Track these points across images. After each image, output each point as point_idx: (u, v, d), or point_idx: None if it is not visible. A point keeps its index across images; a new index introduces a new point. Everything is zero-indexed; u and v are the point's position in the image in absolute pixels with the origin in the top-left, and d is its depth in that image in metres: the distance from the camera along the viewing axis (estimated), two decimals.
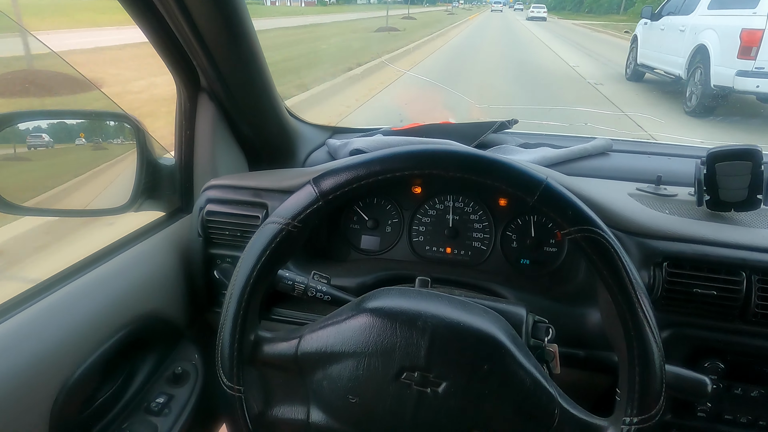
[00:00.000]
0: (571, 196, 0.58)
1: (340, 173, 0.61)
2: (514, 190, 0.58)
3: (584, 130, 1.44)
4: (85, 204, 1.09)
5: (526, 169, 0.58)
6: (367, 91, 5.51)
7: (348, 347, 0.61)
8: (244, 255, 0.63)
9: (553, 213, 0.57)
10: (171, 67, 0.90)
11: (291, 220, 0.62)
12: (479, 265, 1.02)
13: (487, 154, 0.60)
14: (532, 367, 0.59)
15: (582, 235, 0.56)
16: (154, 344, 0.91)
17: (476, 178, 0.58)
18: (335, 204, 0.62)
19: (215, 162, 1.03)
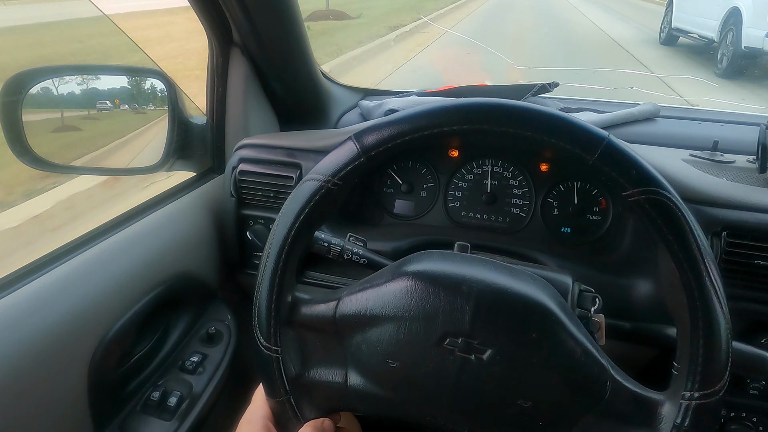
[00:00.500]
0: (636, 154, 0.53)
1: (383, 128, 0.57)
2: (572, 147, 0.53)
3: (629, 95, 1.36)
4: (117, 163, 1.09)
5: (586, 124, 0.54)
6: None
7: (388, 311, 0.59)
8: (281, 213, 0.61)
9: (615, 172, 0.53)
10: (203, 18, 0.87)
11: (331, 177, 0.59)
12: (517, 232, 0.99)
13: (542, 108, 0.55)
14: (582, 337, 0.56)
15: (647, 196, 0.52)
16: (187, 304, 0.91)
17: (530, 134, 0.54)
18: (377, 161, 0.58)
19: (247, 121, 1.01)
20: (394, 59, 5.17)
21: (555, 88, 1.31)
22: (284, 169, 0.92)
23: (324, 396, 0.63)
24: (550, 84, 1.31)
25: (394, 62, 4.98)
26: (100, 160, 1.08)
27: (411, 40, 6.37)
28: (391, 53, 5.58)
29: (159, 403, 0.79)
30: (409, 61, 4.89)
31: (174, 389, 0.81)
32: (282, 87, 1.03)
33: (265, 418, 0.61)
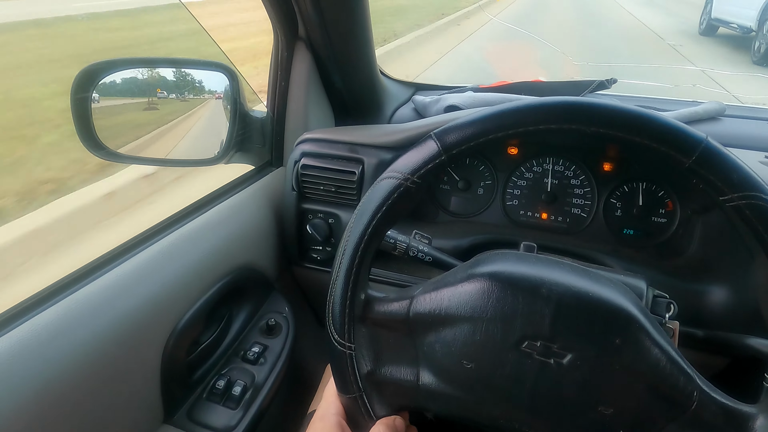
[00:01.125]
0: (735, 158, 0.51)
1: (466, 127, 0.56)
2: (668, 150, 0.51)
3: (689, 93, 1.31)
4: (178, 154, 1.11)
5: (682, 125, 0.52)
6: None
7: (464, 311, 0.58)
8: (358, 210, 0.61)
9: (714, 176, 0.51)
10: (272, 12, 0.88)
11: (410, 175, 0.58)
12: (578, 233, 0.96)
13: (636, 108, 0.53)
14: (668, 345, 0.55)
15: (747, 202, 0.50)
16: (249, 295, 0.93)
17: (623, 135, 0.52)
18: (457, 159, 0.58)
19: (307, 115, 1.01)
20: (439, 48, 5.07)
21: (613, 85, 1.28)
22: (346, 164, 0.92)
23: (395, 394, 0.64)
24: (609, 80, 1.27)
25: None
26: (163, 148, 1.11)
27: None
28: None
29: (224, 392, 0.80)
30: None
31: (238, 378, 0.83)
32: (342, 82, 1.03)
33: (338, 414, 0.62)
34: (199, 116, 1.12)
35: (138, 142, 1.08)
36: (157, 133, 1.12)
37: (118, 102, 1.01)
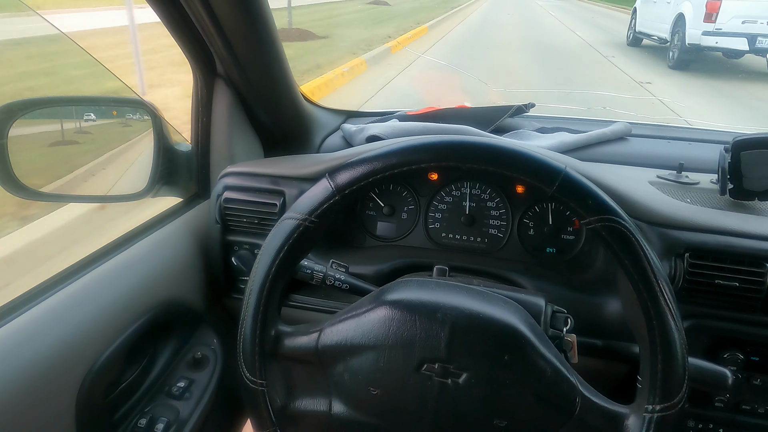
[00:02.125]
0: (591, 184, 0.57)
1: (356, 167, 0.60)
2: (533, 180, 0.57)
3: (603, 114, 1.41)
4: (102, 190, 1.10)
5: (545, 158, 0.57)
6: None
7: (368, 340, 0.61)
8: (262, 251, 0.64)
9: (573, 202, 0.57)
10: (188, 53, 0.90)
11: (308, 215, 0.62)
12: (496, 252, 1.02)
13: (504, 144, 0.59)
14: (552, 357, 0.60)
15: (602, 224, 0.56)
16: (174, 329, 0.93)
17: (494, 169, 0.58)
18: (352, 198, 0.61)
19: (232, 148, 1.03)
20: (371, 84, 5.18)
21: (531, 109, 1.36)
22: (268, 197, 0.94)
23: (310, 425, 0.66)
24: (527, 105, 1.36)
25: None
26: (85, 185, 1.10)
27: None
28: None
29: (146, 430, 0.80)
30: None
31: (161, 415, 0.82)
32: (265, 114, 1.06)
33: None
34: (125, 152, 1.12)
35: (63, 180, 1.07)
36: (84, 170, 1.11)
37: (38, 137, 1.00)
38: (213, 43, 0.87)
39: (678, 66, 6.54)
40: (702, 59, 6.40)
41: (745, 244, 0.77)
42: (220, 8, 0.79)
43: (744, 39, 6.01)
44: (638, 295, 0.56)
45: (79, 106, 0.96)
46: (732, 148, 0.86)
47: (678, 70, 6.49)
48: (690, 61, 6.51)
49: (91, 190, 1.10)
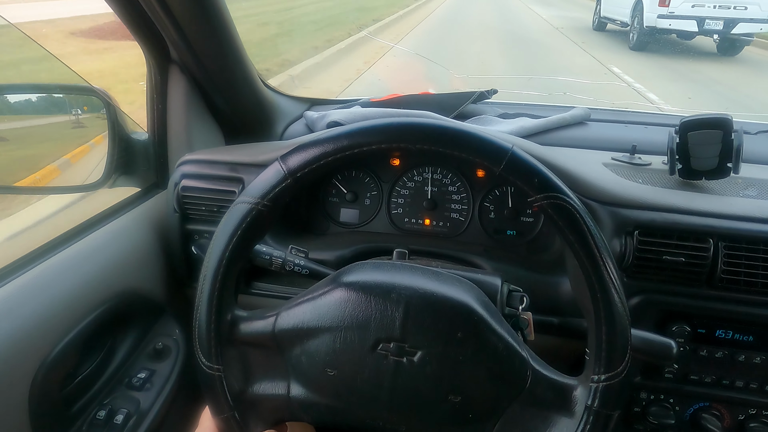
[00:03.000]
0: (537, 163, 0.58)
1: (307, 149, 0.60)
2: (482, 160, 0.58)
3: (564, 99, 1.44)
4: (57, 181, 1.07)
5: (493, 138, 0.58)
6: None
7: (324, 322, 0.62)
8: (215, 236, 0.63)
9: (520, 181, 0.58)
10: (138, 39, 0.88)
11: (260, 199, 0.61)
12: (458, 236, 1.03)
13: (453, 125, 0.59)
14: (504, 332, 0.61)
15: (548, 202, 0.57)
16: (134, 320, 0.92)
17: (443, 150, 0.58)
18: (305, 181, 0.61)
19: (190, 136, 1.02)
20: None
21: (494, 95, 1.37)
22: (227, 184, 0.93)
23: (269, 409, 0.66)
24: (489, 91, 1.37)
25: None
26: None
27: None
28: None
29: (105, 422, 0.79)
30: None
31: (121, 407, 0.82)
32: (224, 101, 1.05)
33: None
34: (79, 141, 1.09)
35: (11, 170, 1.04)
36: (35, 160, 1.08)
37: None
38: (164, 28, 0.85)
39: (637, 47, 7.15)
40: (658, 41, 7.02)
41: (690, 221, 0.80)
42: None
43: (694, 21, 6.64)
44: (583, 270, 0.58)
45: (26, 94, 0.93)
46: (680, 129, 0.89)
47: (637, 50, 7.13)
48: (647, 43, 7.11)
49: (45, 181, 1.07)
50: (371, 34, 6.86)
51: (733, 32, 6.66)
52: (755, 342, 0.83)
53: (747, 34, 6.74)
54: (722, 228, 0.80)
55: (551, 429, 0.60)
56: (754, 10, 6.50)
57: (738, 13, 6.55)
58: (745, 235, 0.79)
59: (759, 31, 6.70)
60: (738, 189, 0.91)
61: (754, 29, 6.66)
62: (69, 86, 0.96)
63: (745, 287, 0.80)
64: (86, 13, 5.80)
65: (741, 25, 6.60)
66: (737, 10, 6.54)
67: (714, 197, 0.86)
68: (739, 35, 6.78)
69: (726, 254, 0.79)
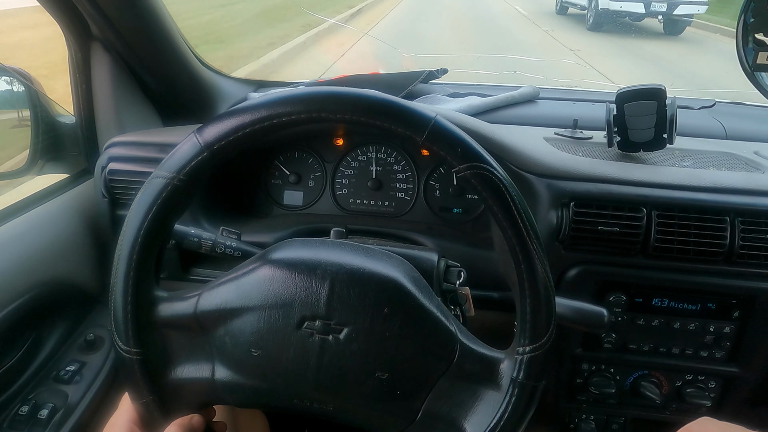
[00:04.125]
0: (461, 133, 0.57)
1: (223, 120, 0.57)
2: (404, 130, 0.56)
3: (515, 79, 1.44)
4: None
5: (415, 108, 0.57)
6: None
7: (248, 301, 0.59)
8: (129, 213, 0.60)
9: (443, 151, 0.56)
10: (54, 12, 0.82)
11: (176, 173, 0.58)
12: (404, 215, 1.02)
13: (375, 95, 0.57)
14: (433, 307, 0.60)
15: (472, 172, 0.56)
16: (63, 311, 0.87)
17: (365, 120, 0.56)
18: (223, 154, 0.58)
19: (120, 118, 0.97)
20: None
21: (444, 75, 1.36)
22: (156, 166, 0.89)
23: (192, 392, 0.63)
24: (438, 71, 1.36)
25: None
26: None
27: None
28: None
29: (29, 418, 0.75)
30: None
31: (46, 401, 0.78)
32: (155, 81, 1.00)
33: (130, 422, 0.60)
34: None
35: None
36: None
37: None
38: (80, 2, 0.80)
39: (593, 28, 7.93)
40: (612, 22, 7.79)
41: (624, 191, 0.81)
42: None
43: (641, 3, 7.49)
44: (507, 240, 0.57)
45: None
46: (616, 100, 0.89)
47: (594, 31, 7.91)
48: (602, 24, 7.88)
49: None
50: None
51: (675, 13, 7.57)
52: (689, 309, 0.85)
53: (687, 15, 7.70)
54: (655, 197, 0.80)
55: (479, 402, 0.59)
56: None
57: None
58: (677, 203, 0.80)
59: (697, 12, 7.71)
60: (675, 160, 0.92)
61: (693, 11, 7.64)
62: None
63: (678, 255, 0.81)
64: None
65: (681, 7, 7.49)
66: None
67: (649, 167, 0.87)
68: (681, 16, 7.69)
69: (659, 222, 0.80)
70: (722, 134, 1.13)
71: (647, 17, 7.83)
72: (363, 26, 6.83)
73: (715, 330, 0.85)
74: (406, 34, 6.28)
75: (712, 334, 0.85)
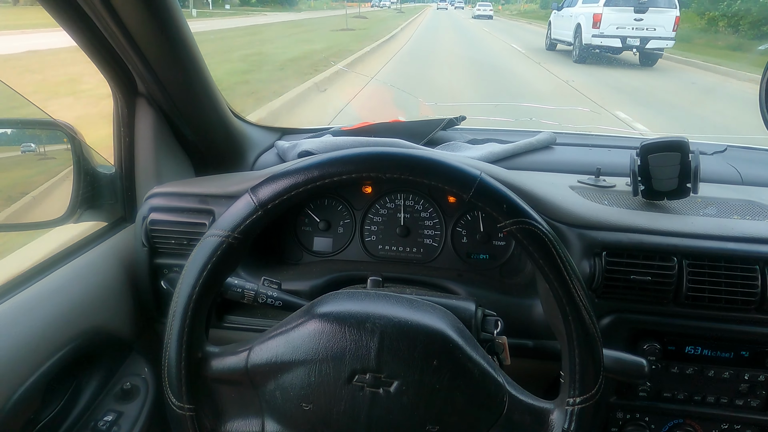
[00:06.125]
0: (505, 189, 0.59)
1: (277, 181, 0.60)
2: (451, 187, 0.59)
3: (530, 124, 1.48)
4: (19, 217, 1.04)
5: (461, 165, 0.59)
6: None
7: (298, 355, 0.61)
8: (185, 270, 0.62)
9: (489, 207, 0.59)
10: (105, 72, 0.87)
11: (231, 231, 0.61)
12: (431, 261, 1.04)
13: (422, 154, 0.60)
14: (480, 358, 0.61)
15: (517, 227, 0.58)
16: (100, 360, 0.88)
17: (413, 178, 0.59)
18: (276, 212, 0.61)
19: (159, 168, 1.00)
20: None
21: (463, 122, 1.41)
22: (197, 216, 0.92)
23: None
24: (457, 118, 1.40)
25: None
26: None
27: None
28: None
29: None
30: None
31: None
32: (193, 133, 1.04)
33: None
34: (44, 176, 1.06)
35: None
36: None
37: None
38: (131, 61, 0.85)
39: (579, 60, 9.53)
40: (595, 55, 9.34)
41: (654, 240, 0.83)
42: (135, 25, 0.77)
43: (618, 39, 9.00)
44: (554, 293, 0.59)
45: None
46: (640, 152, 0.92)
47: (579, 63, 9.48)
48: (586, 57, 9.40)
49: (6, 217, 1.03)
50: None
51: (647, 47, 9.09)
52: (723, 357, 0.85)
53: (658, 48, 9.29)
54: (685, 246, 0.82)
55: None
56: (661, 31, 9.05)
57: (649, 33, 9.00)
58: (707, 253, 0.82)
59: (666, 46, 9.32)
60: (698, 208, 0.95)
61: (662, 44, 9.23)
62: (32, 120, 0.93)
63: (709, 303, 0.82)
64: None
65: (653, 42, 9.07)
66: (649, 31, 8.98)
67: (676, 217, 0.89)
68: (653, 50, 9.22)
69: (690, 272, 0.81)
70: (738, 179, 1.16)
71: (624, 50, 9.30)
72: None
73: (750, 378, 0.85)
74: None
75: (747, 383, 0.85)
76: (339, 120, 3.52)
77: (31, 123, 0.94)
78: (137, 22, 0.77)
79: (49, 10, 0.74)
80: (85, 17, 0.77)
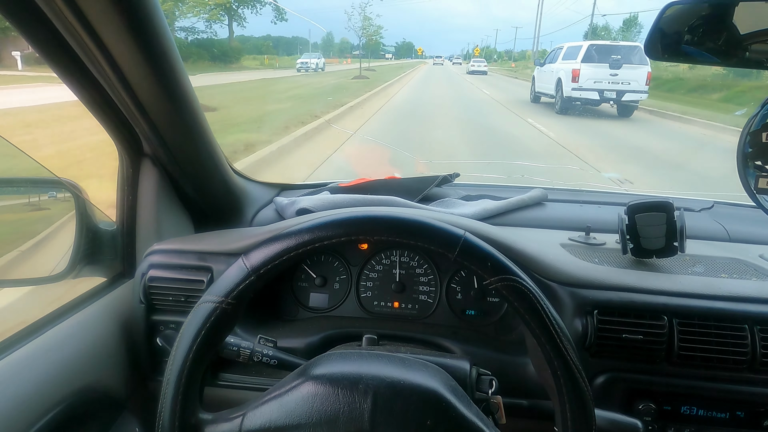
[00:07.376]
0: (489, 247, 0.62)
1: (269, 246, 0.62)
2: (436, 248, 0.61)
3: (522, 180, 1.53)
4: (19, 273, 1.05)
5: (445, 226, 0.62)
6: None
7: (292, 419, 0.61)
8: (179, 338, 0.63)
9: (474, 265, 0.61)
10: (112, 133, 0.91)
11: (225, 297, 0.62)
12: (427, 318, 1.04)
13: (407, 216, 0.63)
14: (474, 417, 0.61)
15: (503, 284, 0.60)
16: (93, 419, 0.87)
17: (400, 240, 0.61)
18: (269, 276, 0.63)
19: (160, 225, 1.02)
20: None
21: (456, 178, 1.45)
22: (195, 273, 0.93)
23: None
24: (451, 175, 1.45)
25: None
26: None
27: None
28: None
29: None
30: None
31: None
32: (195, 191, 1.07)
33: None
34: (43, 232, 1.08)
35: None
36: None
37: None
38: (138, 125, 0.89)
39: (561, 111, 10.52)
40: (574, 107, 10.34)
41: (644, 299, 0.84)
42: (143, 91, 0.81)
43: (596, 92, 10.13)
44: (541, 348, 0.60)
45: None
46: (627, 211, 0.95)
47: (561, 114, 10.41)
48: (568, 108, 10.46)
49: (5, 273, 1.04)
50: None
51: (623, 99, 10.21)
52: (719, 417, 0.85)
53: (633, 101, 10.40)
54: (675, 305, 0.84)
55: None
56: (635, 85, 10.11)
57: (625, 87, 10.08)
58: (696, 312, 0.83)
59: (640, 98, 10.36)
60: (686, 266, 0.97)
61: (637, 97, 10.31)
62: (37, 180, 0.96)
63: (702, 363, 0.83)
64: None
65: (628, 95, 10.15)
66: (624, 85, 10.07)
67: (665, 276, 0.91)
68: (628, 102, 10.34)
69: (680, 330, 0.82)
70: (725, 236, 1.19)
71: (602, 103, 10.42)
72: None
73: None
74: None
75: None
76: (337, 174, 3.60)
77: (36, 182, 0.97)
78: (143, 86, 0.81)
79: (58, 73, 0.78)
80: (96, 84, 0.81)
